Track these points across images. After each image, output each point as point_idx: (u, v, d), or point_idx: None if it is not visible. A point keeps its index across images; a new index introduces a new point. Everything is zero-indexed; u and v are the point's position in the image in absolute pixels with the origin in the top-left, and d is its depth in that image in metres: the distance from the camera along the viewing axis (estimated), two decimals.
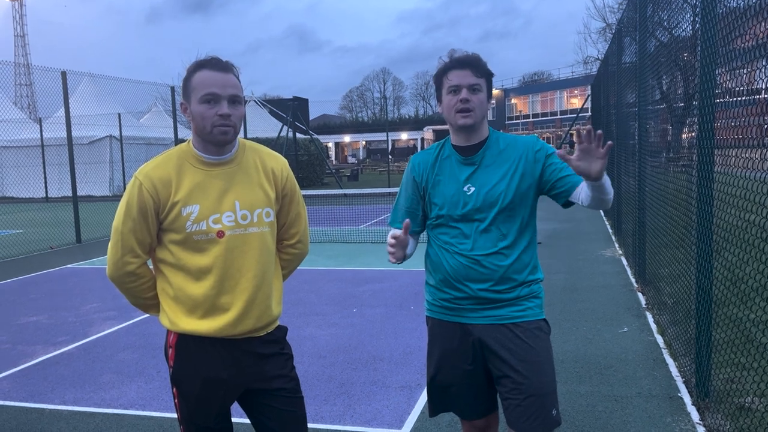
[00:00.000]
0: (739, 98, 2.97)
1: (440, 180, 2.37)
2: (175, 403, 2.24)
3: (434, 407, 2.51)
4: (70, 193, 12.75)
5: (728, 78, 3.28)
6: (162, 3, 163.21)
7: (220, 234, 2.10)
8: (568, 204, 2.33)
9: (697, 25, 3.63)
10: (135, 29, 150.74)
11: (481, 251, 2.28)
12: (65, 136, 12.10)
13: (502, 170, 2.30)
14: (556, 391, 2.33)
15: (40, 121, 25.67)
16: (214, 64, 2.08)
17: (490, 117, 2.47)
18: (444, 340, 2.39)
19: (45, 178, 25.31)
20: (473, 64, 2.29)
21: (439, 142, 2.48)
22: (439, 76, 2.34)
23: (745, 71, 3.00)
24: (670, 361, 4.52)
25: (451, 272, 2.32)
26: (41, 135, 25.10)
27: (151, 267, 2.24)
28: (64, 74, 11.95)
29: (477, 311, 2.32)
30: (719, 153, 3.39)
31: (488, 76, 2.32)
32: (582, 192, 2.22)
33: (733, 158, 3.08)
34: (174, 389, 2.22)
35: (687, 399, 3.85)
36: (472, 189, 2.30)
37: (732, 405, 3.48)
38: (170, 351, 2.20)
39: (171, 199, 2.08)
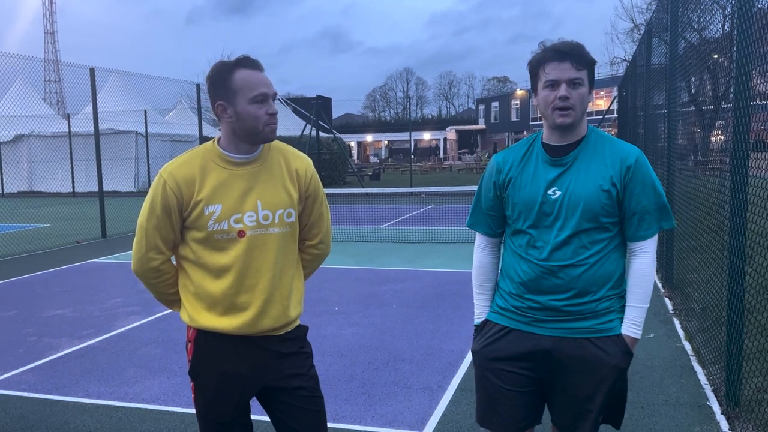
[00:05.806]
0: None
1: (523, 180, 2.15)
2: (193, 397, 2.25)
3: (483, 415, 2.29)
4: (96, 188, 12.92)
5: (760, 81, 3.20)
6: (203, 4, 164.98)
7: (241, 234, 2.10)
8: None
9: (731, 26, 3.55)
10: (175, 30, 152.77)
11: (557, 261, 2.08)
12: (92, 131, 12.26)
13: (595, 175, 2.07)
14: (625, 399, 2.21)
15: (68, 117, 26.06)
16: (252, 63, 2.09)
17: (513, 117, 2.35)
18: (510, 345, 2.20)
19: (72, 173, 25.68)
20: (574, 55, 2.03)
21: (529, 137, 2.24)
22: (535, 67, 2.09)
23: None
24: (698, 368, 4.42)
25: (524, 280, 2.15)
26: (69, 130, 25.48)
27: (175, 263, 2.25)
28: (92, 71, 12.10)
29: (549, 322, 2.14)
30: (753, 156, 3.31)
31: (590, 66, 2.07)
32: (631, 259, 2.15)
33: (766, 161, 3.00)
34: (192, 383, 2.23)
35: (716, 408, 3.76)
36: (558, 193, 2.08)
37: (763, 415, 3.38)
38: (189, 345, 2.21)
39: (194, 198, 2.09)
